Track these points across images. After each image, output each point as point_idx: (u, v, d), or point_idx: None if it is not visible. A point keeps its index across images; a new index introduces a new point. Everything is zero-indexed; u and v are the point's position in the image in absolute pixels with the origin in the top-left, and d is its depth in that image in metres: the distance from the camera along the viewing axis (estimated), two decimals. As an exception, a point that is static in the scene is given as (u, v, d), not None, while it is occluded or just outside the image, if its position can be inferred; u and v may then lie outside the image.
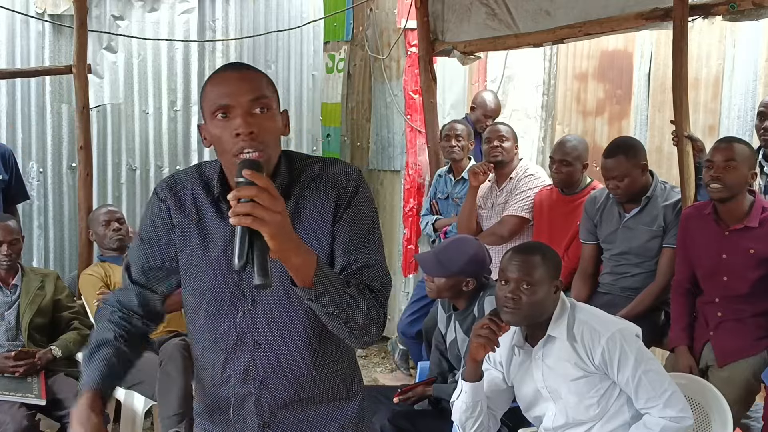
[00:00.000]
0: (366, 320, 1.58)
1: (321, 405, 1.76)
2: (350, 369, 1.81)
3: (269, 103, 1.62)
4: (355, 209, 1.65)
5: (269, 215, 1.38)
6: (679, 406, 2.45)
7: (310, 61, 5.42)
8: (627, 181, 3.57)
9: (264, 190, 1.39)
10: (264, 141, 1.59)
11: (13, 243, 3.75)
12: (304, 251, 1.48)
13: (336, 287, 1.53)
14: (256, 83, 1.63)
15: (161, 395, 3.64)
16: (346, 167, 1.69)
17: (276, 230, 1.40)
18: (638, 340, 2.55)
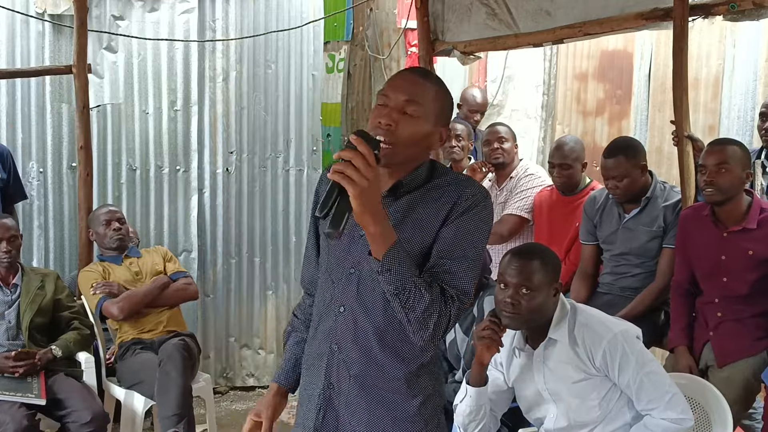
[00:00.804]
0: (425, 315, 1.68)
1: (380, 391, 1.84)
2: (418, 374, 1.84)
3: (421, 111, 1.77)
4: (464, 222, 1.76)
5: (358, 177, 1.57)
6: (680, 408, 2.45)
7: (310, 61, 5.41)
8: (626, 182, 3.57)
9: (360, 155, 1.58)
10: (398, 137, 1.75)
11: (12, 240, 3.75)
12: (383, 225, 1.64)
13: (405, 271, 1.66)
14: (419, 90, 1.79)
15: (160, 395, 3.64)
16: (474, 186, 1.81)
17: (358, 192, 1.57)
18: (639, 342, 2.55)
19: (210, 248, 5.21)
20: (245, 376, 5.39)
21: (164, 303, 4.10)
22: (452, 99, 1.91)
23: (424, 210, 1.78)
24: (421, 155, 1.84)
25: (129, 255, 4.21)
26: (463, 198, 1.77)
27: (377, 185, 1.61)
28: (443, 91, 1.85)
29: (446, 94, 1.86)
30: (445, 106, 1.85)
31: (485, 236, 1.79)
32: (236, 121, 5.21)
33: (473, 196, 1.78)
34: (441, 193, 1.79)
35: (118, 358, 4.00)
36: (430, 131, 1.81)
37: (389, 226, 1.67)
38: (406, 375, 1.82)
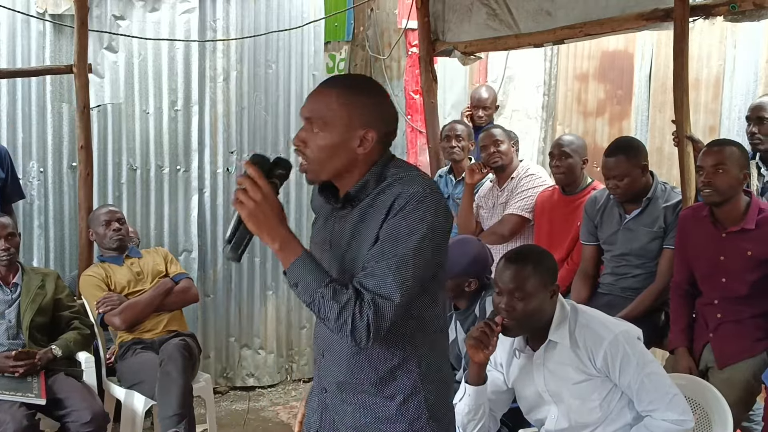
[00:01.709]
0: (338, 323, 1.72)
1: (360, 395, 1.88)
2: (393, 376, 1.85)
3: (322, 124, 1.80)
4: (396, 222, 1.74)
5: (245, 199, 1.70)
6: (680, 409, 2.44)
7: (310, 61, 5.41)
8: (627, 181, 3.57)
9: (248, 178, 1.71)
10: (310, 155, 1.81)
11: (10, 238, 3.75)
12: (282, 242, 1.73)
13: (310, 283, 1.73)
14: (318, 104, 1.83)
15: (161, 395, 3.64)
16: (415, 184, 1.77)
17: (246, 214, 1.71)
18: (640, 343, 2.55)
19: (210, 248, 5.21)
20: (245, 376, 5.39)
21: (165, 308, 4.10)
22: (376, 97, 1.86)
23: (371, 218, 1.79)
24: (357, 164, 1.82)
25: (130, 255, 4.21)
26: (399, 198, 1.75)
27: (268, 205, 1.71)
28: (353, 93, 1.82)
29: (358, 95, 1.83)
30: (360, 108, 1.81)
31: (417, 234, 1.72)
32: (237, 121, 5.21)
33: (409, 195, 1.74)
34: (384, 196, 1.79)
35: (118, 358, 4.00)
36: (343, 139, 1.79)
37: (291, 242, 1.75)
38: (378, 378, 1.85)
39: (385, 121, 1.85)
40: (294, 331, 5.54)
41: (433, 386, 1.89)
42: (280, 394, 5.34)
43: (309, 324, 5.58)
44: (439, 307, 1.91)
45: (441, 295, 1.92)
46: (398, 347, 1.83)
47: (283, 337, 5.50)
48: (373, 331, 1.72)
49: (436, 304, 1.89)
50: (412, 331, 1.84)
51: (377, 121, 1.83)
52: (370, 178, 1.83)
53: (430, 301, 1.86)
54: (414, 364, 1.86)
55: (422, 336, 1.86)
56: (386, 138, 1.86)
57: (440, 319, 1.93)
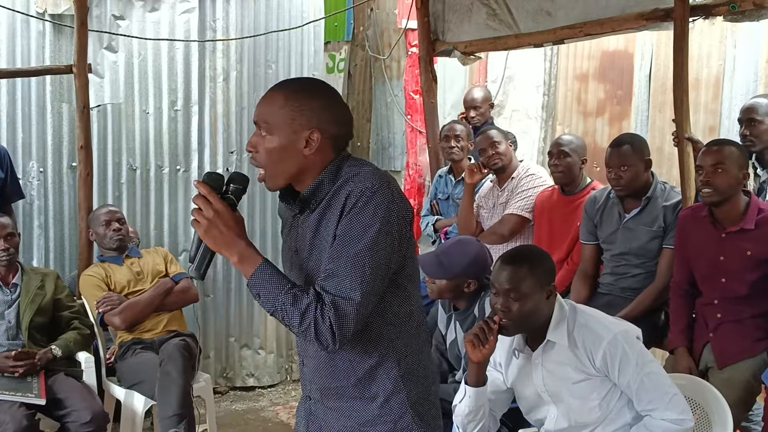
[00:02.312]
0: (301, 328, 1.72)
1: (341, 399, 1.89)
2: (372, 376, 1.84)
3: (269, 127, 1.82)
4: (349, 221, 1.74)
5: (200, 218, 1.75)
6: (680, 408, 2.44)
7: (310, 61, 5.41)
8: (631, 172, 3.56)
9: (200, 197, 1.76)
10: (260, 159, 1.84)
11: (9, 237, 3.75)
12: (240, 255, 1.76)
13: (270, 292, 1.74)
14: (264, 108, 1.85)
15: (161, 395, 3.64)
16: (363, 181, 1.77)
17: (202, 231, 1.75)
18: (639, 342, 2.55)
19: (210, 248, 5.19)
20: (245, 376, 5.38)
21: (165, 308, 4.10)
22: (321, 100, 1.85)
23: (327, 220, 1.80)
24: (309, 167, 1.83)
25: (130, 255, 4.21)
26: (350, 196, 1.75)
27: (221, 221, 1.74)
28: (297, 96, 1.82)
29: (302, 97, 1.82)
30: (304, 110, 1.81)
31: (372, 230, 1.72)
32: (236, 121, 5.20)
33: (359, 192, 1.74)
34: (338, 197, 1.78)
35: (118, 358, 4.00)
36: (289, 141, 1.80)
37: (250, 254, 1.77)
38: (356, 380, 1.85)
39: (332, 122, 1.84)
40: (294, 331, 5.53)
41: (414, 383, 1.87)
42: (280, 394, 5.34)
43: (309, 324, 5.57)
44: (412, 302, 1.89)
45: (412, 289, 1.89)
46: (373, 347, 1.83)
47: (283, 337, 5.49)
48: (337, 333, 1.71)
49: (409, 298, 1.88)
50: (386, 328, 1.83)
51: (323, 123, 1.82)
52: (324, 179, 1.82)
53: (400, 295, 1.85)
54: (393, 362, 1.85)
55: (397, 333, 1.85)
56: (337, 140, 1.85)
57: (415, 314, 1.91)
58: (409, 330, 1.88)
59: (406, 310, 1.87)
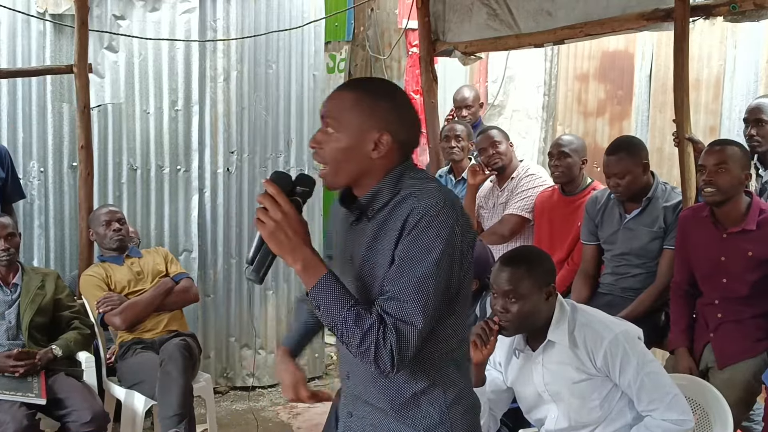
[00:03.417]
0: (361, 348, 1.64)
1: (387, 421, 1.80)
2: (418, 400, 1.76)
3: (336, 125, 1.74)
4: (411, 241, 1.66)
5: (266, 219, 1.64)
6: (681, 409, 2.45)
7: (311, 61, 5.41)
8: (628, 179, 3.57)
9: (268, 196, 1.65)
10: (324, 158, 1.76)
11: (9, 237, 3.75)
12: (304, 263, 1.66)
13: (332, 306, 1.64)
14: (334, 104, 1.77)
15: (161, 395, 3.64)
16: (427, 198, 1.68)
17: (267, 234, 1.64)
18: (640, 343, 2.55)
19: (210, 248, 5.21)
20: (245, 376, 5.38)
21: (166, 308, 4.10)
22: (394, 102, 1.78)
23: (385, 234, 1.72)
24: (372, 170, 1.76)
25: (130, 255, 4.21)
26: (412, 214, 1.66)
27: (289, 224, 1.64)
28: (369, 96, 1.77)
29: (374, 97, 1.77)
30: (376, 111, 1.74)
31: (434, 253, 1.64)
32: (237, 121, 5.20)
33: (422, 211, 1.66)
34: (398, 212, 1.70)
35: (118, 358, 4.00)
36: (357, 142, 1.73)
37: (315, 263, 1.67)
38: (402, 403, 1.77)
39: (402, 126, 1.77)
40: (294, 331, 5.53)
41: (460, 416, 1.78)
42: (280, 394, 5.34)
43: (309, 324, 5.57)
44: (464, 329, 1.80)
45: (464, 316, 1.80)
46: (423, 372, 1.74)
47: (284, 337, 5.48)
48: (396, 358, 1.63)
49: (461, 325, 1.79)
50: (439, 355, 1.75)
51: (393, 126, 1.75)
52: (383, 187, 1.75)
53: (454, 321, 1.76)
54: (440, 391, 1.76)
55: (449, 361, 1.77)
56: (405, 145, 1.78)
57: (466, 343, 1.83)
58: (458, 358, 1.80)
59: (459, 337, 1.79)
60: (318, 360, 5.62)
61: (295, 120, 5.39)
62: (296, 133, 5.40)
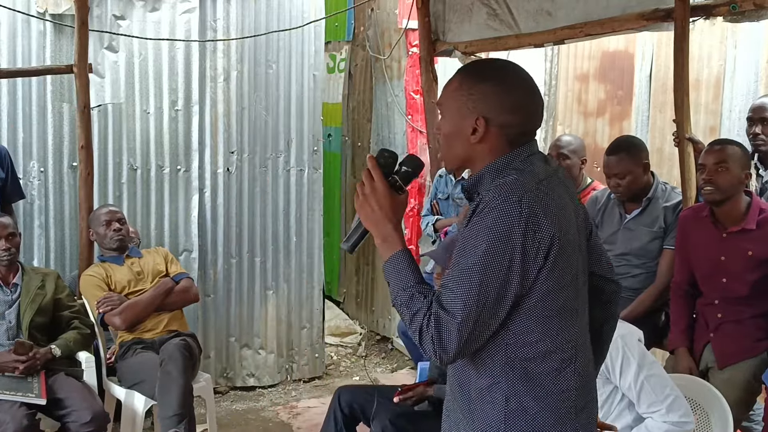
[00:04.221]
0: (411, 329, 1.64)
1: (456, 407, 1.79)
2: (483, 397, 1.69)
3: (443, 110, 1.78)
4: (467, 231, 1.65)
5: (360, 191, 1.75)
6: (681, 411, 2.45)
7: (311, 60, 5.41)
8: (629, 179, 3.57)
9: (366, 171, 1.75)
10: (441, 141, 1.80)
11: (10, 237, 3.75)
12: (384, 237, 1.72)
13: (395, 284, 1.68)
14: (444, 89, 1.80)
15: (161, 395, 3.64)
16: (497, 190, 1.63)
17: (357, 204, 1.76)
18: (640, 345, 2.55)
19: (210, 248, 5.21)
20: (245, 376, 5.38)
21: (166, 308, 4.10)
22: (496, 85, 1.71)
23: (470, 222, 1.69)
24: (477, 156, 1.73)
25: (130, 255, 4.22)
26: (480, 204, 1.64)
27: (376, 199, 1.72)
28: (468, 80, 1.74)
29: (471, 81, 1.73)
30: (474, 94, 1.71)
31: (481, 248, 1.58)
32: (237, 120, 5.21)
33: (484, 202, 1.62)
34: (482, 201, 1.66)
35: (118, 358, 4.01)
36: (458, 127, 1.73)
37: (393, 240, 1.71)
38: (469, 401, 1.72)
39: (501, 109, 1.69)
40: (294, 331, 5.54)
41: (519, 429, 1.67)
42: (280, 394, 5.34)
43: (309, 324, 5.58)
44: (545, 341, 1.65)
45: (554, 326, 1.66)
46: (488, 371, 1.68)
47: (284, 337, 5.49)
48: (438, 347, 1.59)
49: (544, 336, 1.65)
50: (505, 358, 1.66)
51: (491, 110, 1.69)
52: (485, 173, 1.72)
53: (531, 329, 1.64)
54: (500, 394, 1.67)
55: (515, 369, 1.66)
56: (507, 129, 1.70)
57: (550, 356, 1.66)
58: (533, 370, 1.66)
59: (536, 351, 1.65)
60: (318, 360, 5.62)
61: (295, 120, 5.39)
62: (296, 133, 5.40)
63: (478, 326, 1.59)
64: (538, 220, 1.60)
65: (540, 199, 1.63)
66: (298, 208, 5.45)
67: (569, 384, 1.69)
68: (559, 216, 1.65)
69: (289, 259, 5.45)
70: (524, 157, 1.72)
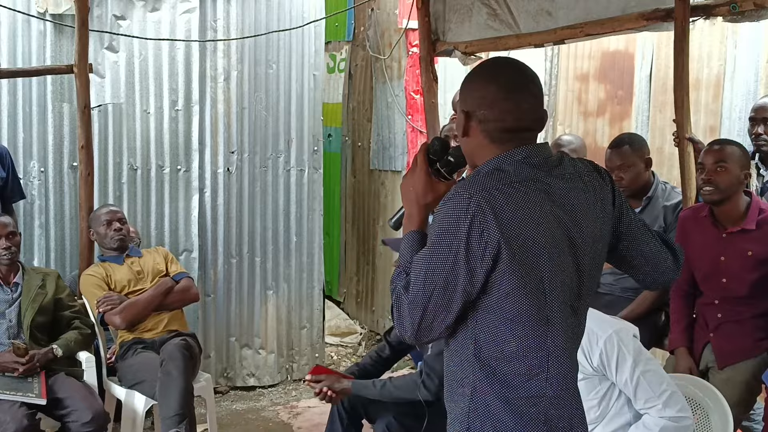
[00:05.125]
0: (392, 302, 1.71)
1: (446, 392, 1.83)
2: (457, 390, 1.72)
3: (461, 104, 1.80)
4: (433, 217, 1.74)
5: (408, 173, 1.84)
6: (678, 406, 2.45)
7: (311, 60, 5.42)
8: (632, 173, 3.58)
9: (415, 157, 1.83)
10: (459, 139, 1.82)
11: (11, 237, 3.75)
12: (410, 216, 1.81)
13: (401, 258, 1.75)
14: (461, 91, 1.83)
15: (162, 395, 3.64)
16: (462, 183, 1.68)
17: (401, 186, 1.85)
18: (636, 341, 2.55)
19: (211, 248, 5.21)
20: (246, 376, 5.39)
21: (166, 308, 4.11)
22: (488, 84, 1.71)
23: None
24: (470, 153, 1.78)
25: (130, 255, 4.22)
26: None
27: (414, 180, 1.80)
28: (470, 77, 1.79)
29: (470, 79, 1.78)
30: (468, 93, 1.75)
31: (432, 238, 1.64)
32: (237, 120, 5.21)
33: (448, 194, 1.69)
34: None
35: (119, 358, 4.01)
36: (460, 124, 1.77)
37: (414, 220, 1.80)
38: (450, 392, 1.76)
39: (491, 110, 1.69)
40: (294, 331, 5.54)
41: (479, 425, 1.68)
42: (280, 393, 5.34)
43: (309, 324, 5.58)
44: (511, 343, 1.65)
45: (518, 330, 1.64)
46: (460, 361, 1.71)
47: (284, 337, 5.50)
48: (396, 322, 1.67)
49: (509, 337, 1.65)
50: (471, 352, 1.68)
51: (481, 109, 1.71)
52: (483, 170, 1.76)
53: (491, 331, 1.65)
54: (468, 387, 1.69)
55: (483, 365, 1.67)
56: (488, 126, 1.70)
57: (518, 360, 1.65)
58: (506, 374, 1.66)
59: (502, 353, 1.65)
60: (318, 360, 5.62)
61: (295, 120, 5.40)
62: (296, 133, 5.40)
63: (429, 312, 1.63)
64: (486, 221, 1.59)
65: (495, 199, 1.61)
66: (298, 208, 5.46)
67: (541, 391, 1.67)
68: (520, 220, 1.61)
69: (289, 259, 5.45)
70: (516, 160, 1.69)
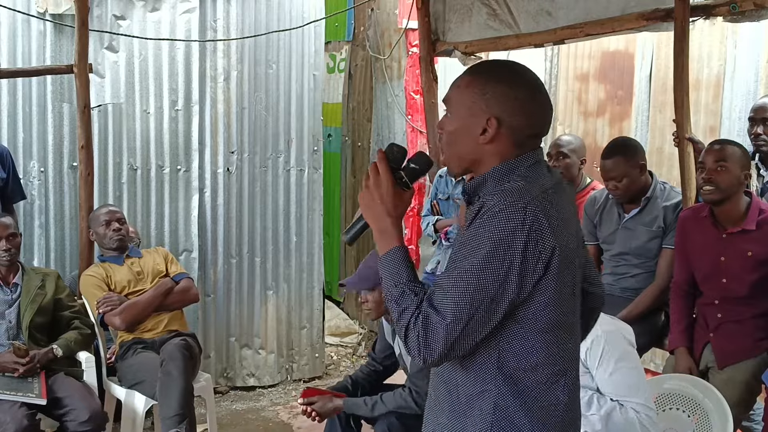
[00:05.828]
0: (398, 326, 1.61)
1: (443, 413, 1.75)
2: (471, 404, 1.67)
3: (450, 107, 1.74)
4: (468, 234, 1.61)
5: (365, 184, 1.73)
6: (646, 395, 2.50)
7: (311, 60, 5.41)
8: (626, 181, 3.58)
9: (373, 164, 1.72)
10: (442, 141, 1.75)
11: (11, 238, 3.75)
12: (382, 231, 1.70)
13: (388, 279, 1.66)
14: (452, 87, 1.75)
15: (162, 395, 3.64)
16: (500, 195, 1.60)
17: (361, 197, 1.74)
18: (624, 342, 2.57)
19: (211, 248, 5.21)
20: (245, 376, 5.39)
21: (166, 308, 4.10)
22: (510, 87, 1.68)
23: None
24: (483, 158, 1.69)
25: (130, 255, 4.22)
26: (483, 208, 1.60)
27: (378, 192, 1.70)
28: (482, 79, 1.70)
29: (485, 80, 1.69)
30: (483, 94, 1.67)
31: (481, 251, 1.56)
32: (237, 120, 5.21)
33: (488, 204, 1.59)
34: (484, 206, 1.62)
35: (118, 358, 4.01)
36: (466, 124, 1.69)
37: (390, 235, 1.69)
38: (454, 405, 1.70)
39: (516, 112, 1.66)
40: (294, 331, 5.54)
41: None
42: (280, 393, 5.34)
43: (309, 324, 5.58)
44: (539, 353, 1.63)
45: (543, 342, 1.63)
46: (479, 375, 1.65)
47: (284, 337, 5.50)
48: (423, 348, 1.56)
49: (534, 350, 1.62)
50: (494, 366, 1.63)
51: (505, 111, 1.66)
52: (489, 176, 1.68)
53: (520, 342, 1.62)
54: (489, 402, 1.64)
55: (506, 378, 1.63)
56: (517, 133, 1.67)
57: (542, 368, 1.63)
58: (529, 384, 1.64)
59: (528, 363, 1.63)
60: (318, 360, 5.62)
61: (295, 120, 5.40)
62: (296, 133, 5.40)
63: (468, 330, 1.57)
64: (542, 229, 1.57)
65: (544, 208, 1.59)
66: (298, 208, 5.46)
67: (558, 398, 1.66)
68: (561, 227, 1.62)
69: (289, 259, 5.45)
70: (530, 164, 1.68)
